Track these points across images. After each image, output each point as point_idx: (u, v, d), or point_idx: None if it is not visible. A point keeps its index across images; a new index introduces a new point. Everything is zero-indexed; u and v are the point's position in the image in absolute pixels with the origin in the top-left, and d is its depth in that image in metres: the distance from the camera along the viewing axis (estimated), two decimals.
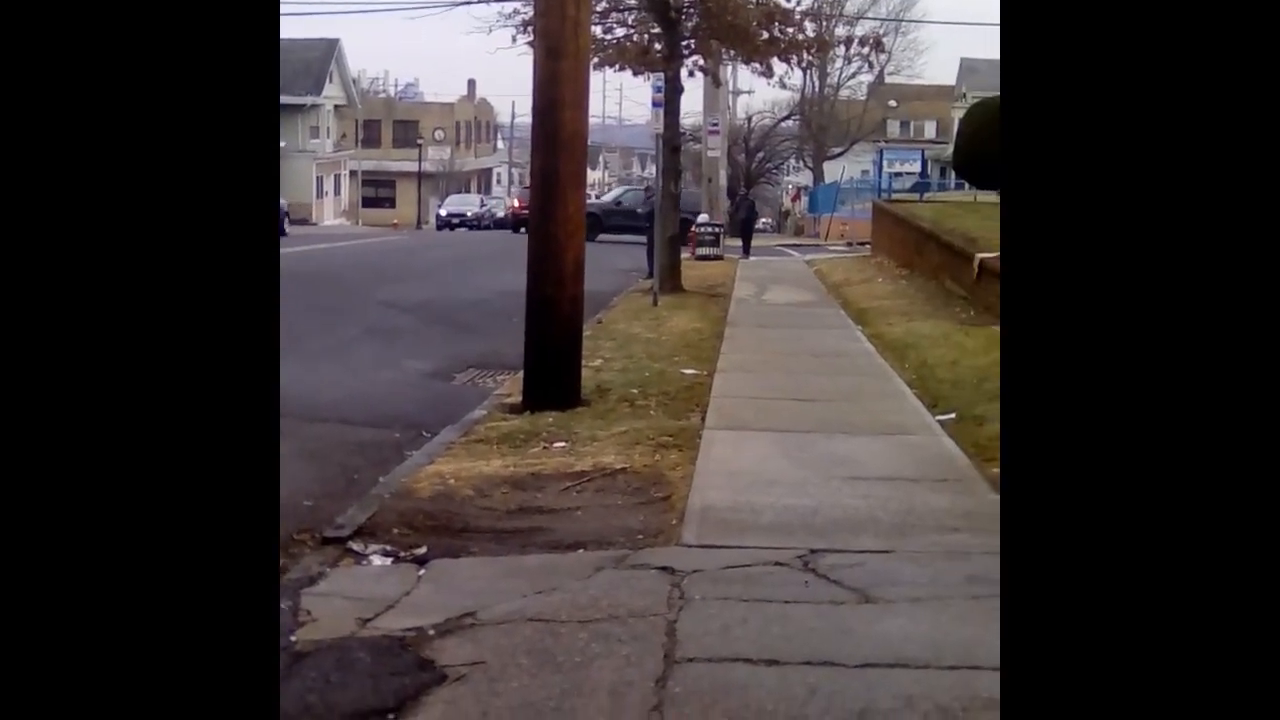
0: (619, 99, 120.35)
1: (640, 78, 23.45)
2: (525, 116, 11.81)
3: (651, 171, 24.92)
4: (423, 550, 5.87)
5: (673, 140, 21.95)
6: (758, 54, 22.91)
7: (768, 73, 23.79)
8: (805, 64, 29.03)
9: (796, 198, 76.06)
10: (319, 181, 67.47)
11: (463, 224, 60.28)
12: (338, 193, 72.40)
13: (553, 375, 9.81)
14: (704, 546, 5.84)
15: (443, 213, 63.42)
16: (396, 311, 17.32)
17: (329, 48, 68.20)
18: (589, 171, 14.77)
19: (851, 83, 73.46)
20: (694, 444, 8.19)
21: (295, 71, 63.25)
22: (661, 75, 21.40)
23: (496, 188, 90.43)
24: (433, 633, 4.63)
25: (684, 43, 22.33)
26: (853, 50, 30.03)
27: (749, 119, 70.54)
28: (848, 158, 68.16)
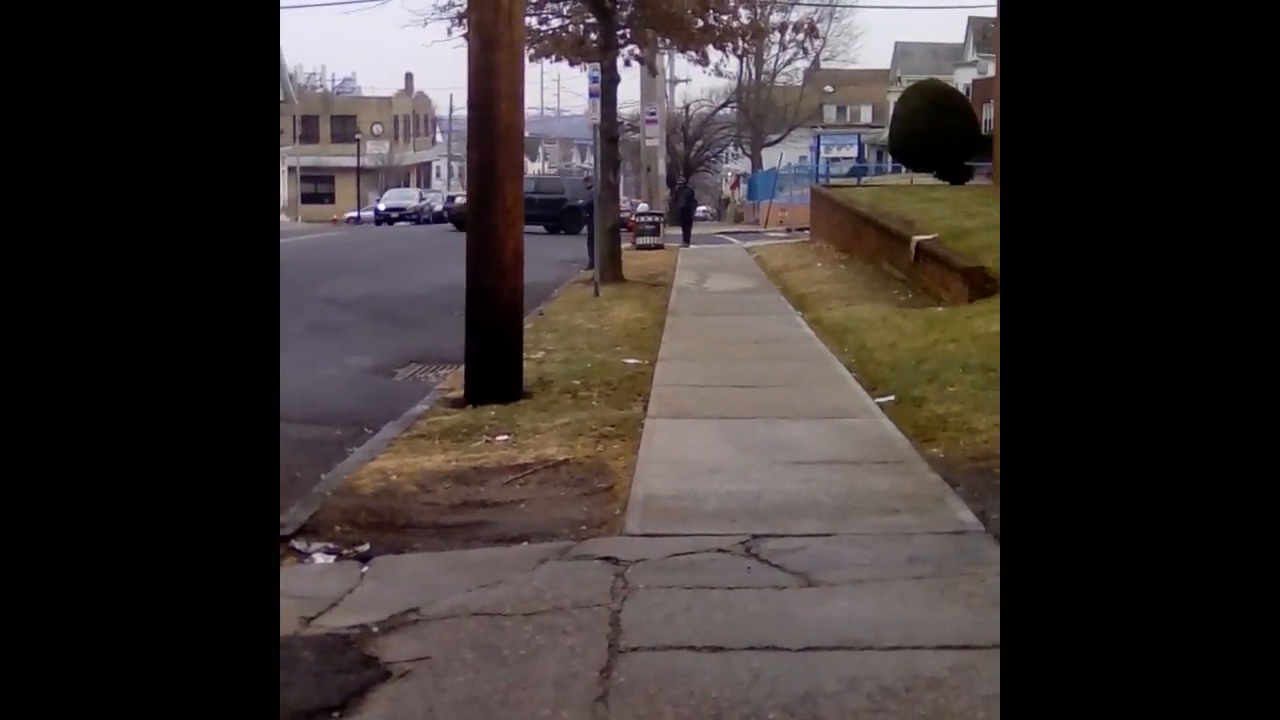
0: (557, 90, 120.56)
1: (577, 68, 23.44)
2: (463, 110, 11.78)
3: (590, 162, 24.88)
4: (366, 547, 5.85)
5: (610, 130, 21.94)
6: (693, 42, 22.97)
7: (703, 61, 23.89)
8: (741, 51, 29.09)
9: (735, 185, 76.23)
10: None
11: (402, 218, 59.94)
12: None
13: (494, 368, 9.79)
14: (647, 535, 5.86)
15: (381, 207, 63.05)
16: (337, 307, 17.23)
17: None
18: (528, 163, 14.75)
19: (787, 69, 73.86)
20: (636, 433, 8.21)
21: None
22: (598, 65, 21.38)
23: (436, 181, 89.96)
24: (377, 630, 4.63)
25: (619, 32, 22.32)
26: (788, 36, 30.01)
27: (686, 107, 70.63)
28: (785, 144, 68.47)
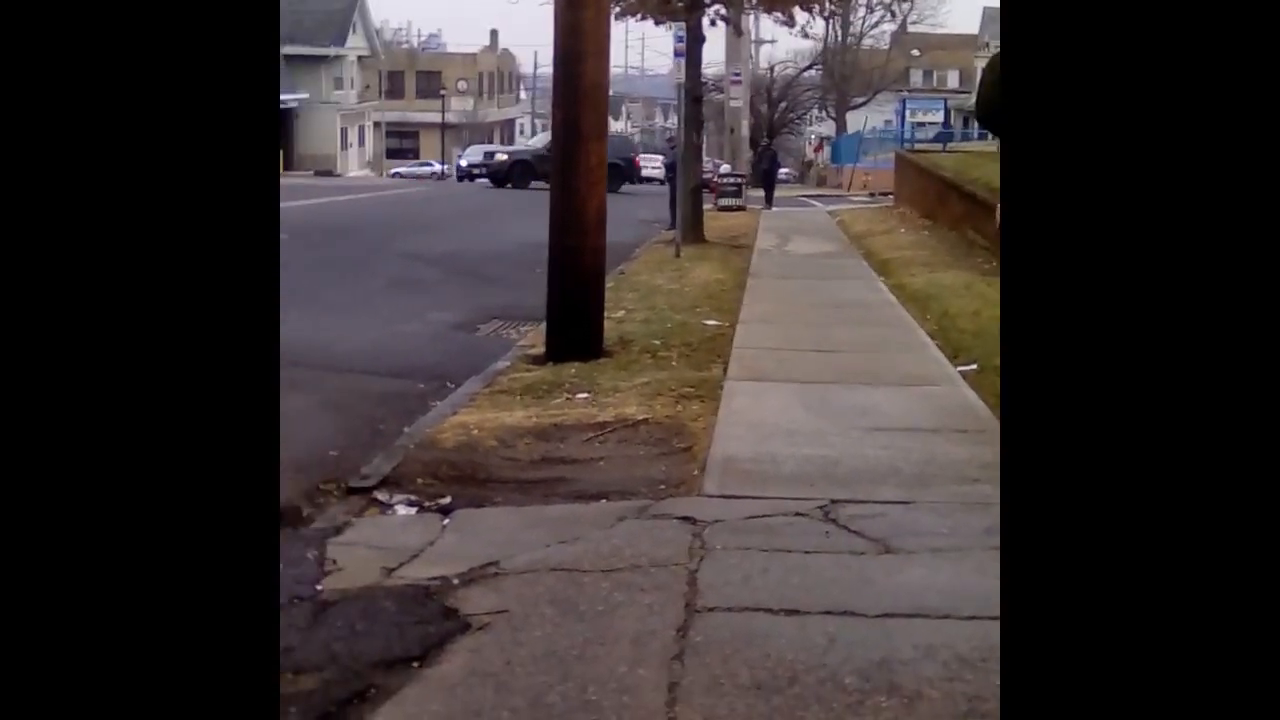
0: (641, 49, 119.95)
1: (662, 28, 23.34)
2: (547, 67, 11.74)
3: (673, 121, 24.80)
4: (447, 500, 5.92)
5: (695, 90, 21.85)
6: (779, 3, 22.80)
7: (790, 22, 23.72)
8: (827, 13, 28.84)
9: (819, 148, 75.72)
10: (343, 133, 67.36)
11: (484, 175, 59.98)
12: (362, 144, 72.30)
13: (575, 326, 9.83)
14: (725, 497, 5.87)
15: (463, 163, 63.20)
16: (420, 263, 17.35)
17: None
18: (611, 122, 14.73)
19: (874, 32, 73.25)
20: (715, 395, 8.22)
21: (319, 23, 63.12)
22: (683, 25, 21.27)
23: (520, 138, 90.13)
24: (457, 582, 4.68)
25: None
26: None
27: (771, 69, 70.14)
28: (870, 108, 67.81)
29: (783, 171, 56.80)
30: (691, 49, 21.33)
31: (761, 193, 37.43)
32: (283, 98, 51.03)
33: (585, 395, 8.34)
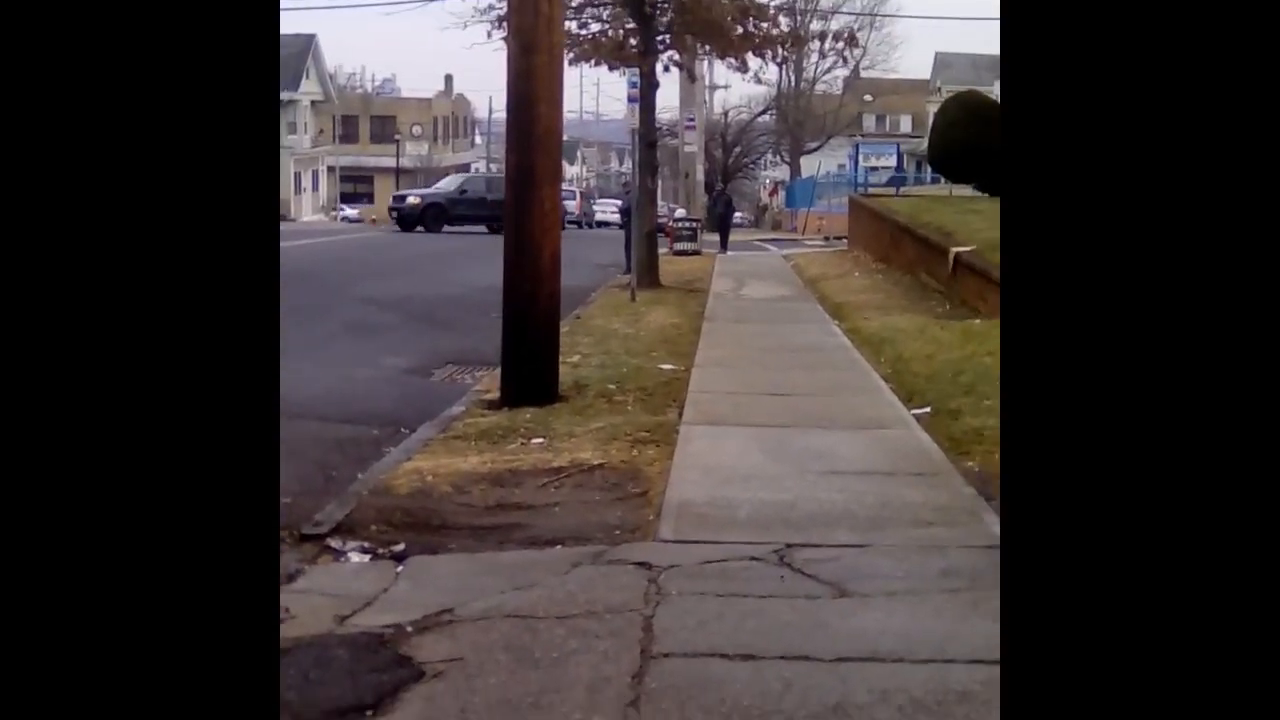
0: (596, 94, 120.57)
1: (616, 73, 23.45)
2: (502, 112, 11.81)
3: (629, 166, 24.91)
4: (401, 547, 5.88)
5: (649, 136, 21.98)
6: (733, 49, 22.96)
7: (743, 68, 23.84)
8: (780, 59, 29.02)
9: (774, 192, 76.19)
10: (296, 178, 67.24)
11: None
12: (316, 188, 72.19)
13: (531, 371, 9.82)
14: (681, 542, 5.87)
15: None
16: (374, 308, 17.30)
17: (305, 43, 67.91)
18: (566, 166, 14.76)
19: (827, 77, 73.77)
20: (671, 439, 8.22)
21: None
22: (637, 70, 21.40)
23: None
24: (411, 629, 4.65)
25: (659, 38, 22.36)
26: (828, 45, 30.10)
27: (725, 114, 70.72)
28: (824, 152, 68.38)
29: (738, 216, 57.08)
30: (646, 94, 21.45)
31: (717, 237, 37.58)
32: None
33: (540, 440, 8.33)
